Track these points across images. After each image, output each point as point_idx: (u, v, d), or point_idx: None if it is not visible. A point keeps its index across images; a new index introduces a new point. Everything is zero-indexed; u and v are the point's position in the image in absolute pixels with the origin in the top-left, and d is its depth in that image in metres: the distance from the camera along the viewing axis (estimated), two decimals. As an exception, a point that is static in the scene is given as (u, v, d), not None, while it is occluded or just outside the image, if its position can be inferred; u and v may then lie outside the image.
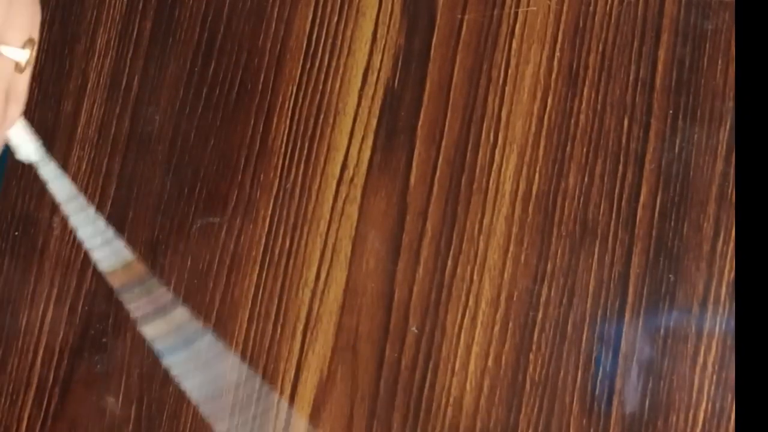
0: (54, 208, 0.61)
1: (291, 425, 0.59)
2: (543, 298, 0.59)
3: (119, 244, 0.48)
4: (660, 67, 0.59)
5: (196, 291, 0.60)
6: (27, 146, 0.47)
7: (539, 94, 0.60)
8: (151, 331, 0.50)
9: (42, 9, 0.47)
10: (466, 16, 0.61)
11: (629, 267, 0.58)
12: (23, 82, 0.46)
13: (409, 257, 0.60)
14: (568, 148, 0.59)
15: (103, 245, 0.48)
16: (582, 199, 0.59)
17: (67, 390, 0.60)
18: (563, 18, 0.60)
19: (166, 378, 0.59)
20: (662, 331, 0.58)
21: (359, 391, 0.59)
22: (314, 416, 0.59)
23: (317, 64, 0.60)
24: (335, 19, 0.61)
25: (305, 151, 0.60)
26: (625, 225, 0.58)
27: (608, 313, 0.58)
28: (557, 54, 0.60)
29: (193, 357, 0.52)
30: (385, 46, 0.61)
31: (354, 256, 0.60)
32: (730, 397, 0.57)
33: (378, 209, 0.60)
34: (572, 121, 0.60)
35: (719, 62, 0.59)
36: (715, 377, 0.57)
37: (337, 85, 0.60)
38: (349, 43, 0.61)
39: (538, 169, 0.59)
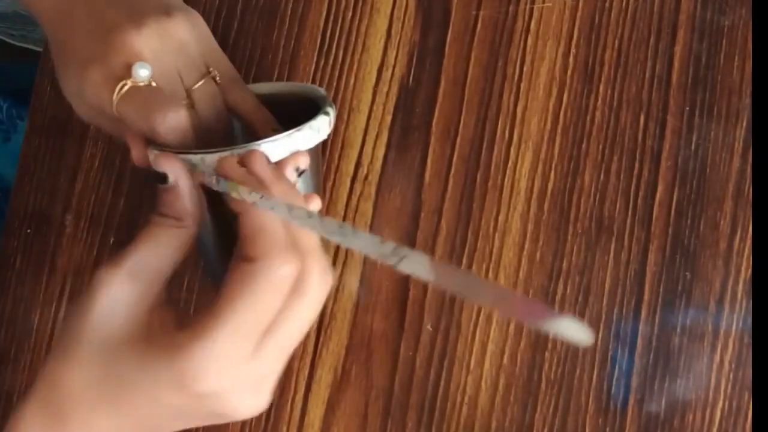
0: (67, 205, 0.60)
1: (305, 424, 0.59)
2: (558, 296, 0.58)
3: None
4: (676, 63, 0.59)
5: (213, 290, 0.60)
6: None
7: (555, 91, 0.59)
8: None
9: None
10: (481, 12, 0.60)
11: (645, 265, 0.58)
12: None
13: (423, 255, 0.59)
14: (584, 146, 0.59)
15: None
16: (598, 196, 0.59)
17: (80, 389, 0.59)
18: (579, 14, 0.60)
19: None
20: (678, 329, 0.58)
21: (374, 389, 0.59)
22: (328, 414, 0.59)
23: (331, 61, 0.60)
24: (349, 15, 0.60)
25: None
26: (641, 222, 0.58)
27: (624, 311, 0.58)
28: (573, 50, 0.60)
29: None
30: (399, 42, 0.60)
31: (368, 253, 0.59)
32: (747, 396, 0.57)
33: (392, 206, 0.59)
34: (588, 118, 0.59)
35: (736, 59, 0.59)
36: (731, 375, 0.57)
37: (352, 82, 0.60)
38: (364, 39, 0.60)
39: (553, 166, 0.59)
